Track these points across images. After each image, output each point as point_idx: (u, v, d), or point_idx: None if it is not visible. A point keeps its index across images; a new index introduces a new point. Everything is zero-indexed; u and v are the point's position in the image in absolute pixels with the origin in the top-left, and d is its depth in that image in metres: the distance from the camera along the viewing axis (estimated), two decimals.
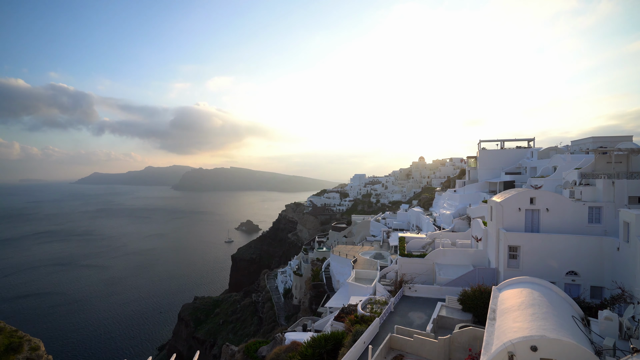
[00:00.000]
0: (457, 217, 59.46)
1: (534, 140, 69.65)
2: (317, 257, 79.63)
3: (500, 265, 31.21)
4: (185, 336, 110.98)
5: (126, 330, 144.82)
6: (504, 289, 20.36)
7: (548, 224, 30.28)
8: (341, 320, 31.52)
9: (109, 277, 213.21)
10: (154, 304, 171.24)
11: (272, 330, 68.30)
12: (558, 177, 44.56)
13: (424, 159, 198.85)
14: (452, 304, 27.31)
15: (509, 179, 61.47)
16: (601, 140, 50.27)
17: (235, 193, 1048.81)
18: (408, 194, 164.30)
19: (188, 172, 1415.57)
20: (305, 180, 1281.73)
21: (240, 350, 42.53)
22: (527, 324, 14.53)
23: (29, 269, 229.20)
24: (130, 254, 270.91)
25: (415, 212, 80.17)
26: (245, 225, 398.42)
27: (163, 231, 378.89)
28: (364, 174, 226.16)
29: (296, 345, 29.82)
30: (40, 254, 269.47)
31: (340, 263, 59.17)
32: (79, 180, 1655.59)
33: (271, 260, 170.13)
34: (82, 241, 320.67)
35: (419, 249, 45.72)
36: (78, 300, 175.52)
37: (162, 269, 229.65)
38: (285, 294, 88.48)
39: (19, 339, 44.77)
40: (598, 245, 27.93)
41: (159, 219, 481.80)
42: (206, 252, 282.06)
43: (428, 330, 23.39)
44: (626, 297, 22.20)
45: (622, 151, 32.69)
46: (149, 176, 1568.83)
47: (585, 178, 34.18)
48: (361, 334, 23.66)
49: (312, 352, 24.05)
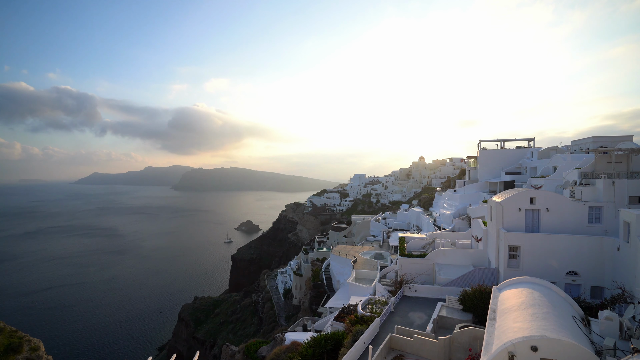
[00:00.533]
0: (457, 217, 59.43)
1: (534, 140, 69.62)
2: (317, 257, 79.61)
3: (501, 265, 31.18)
4: (185, 336, 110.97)
5: (126, 330, 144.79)
6: (504, 289, 20.34)
7: (548, 224, 30.25)
8: (341, 320, 31.50)
9: (109, 277, 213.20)
10: (154, 304, 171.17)
11: (272, 331, 68.27)
12: (558, 177, 44.51)
13: (424, 159, 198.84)
14: (452, 304, 27.28)
15: (509, 179, 61.44)
16: (601, 140, 50.22)
17: (235, 193, 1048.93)
18: (408, 194, 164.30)
19: (188, 172, 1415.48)
20: (305, 180, 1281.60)
21: (240, 350, 42.52)
22: (527, 324, 14.51)
23: (28, 269, 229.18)
24: (130, 254, 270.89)
25: (416, 212, 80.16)
26: (245, 225, 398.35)
27: (163, 231, 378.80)
28: (364, 174, 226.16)
29: (296, 346, 29.81)
30: (40, 254, 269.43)
31: (341, 263, 59.17)
32: (79, 180, 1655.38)
33: (271, 261, 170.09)
34: (80, 240, 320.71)
35: (419, 249, 45.69)
36: (78, 300, 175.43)
37: (162, 269, 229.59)
38: (285, 294, 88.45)
39: (19, 339, 44.77)
40: (598, 245, 27.90)
41: (159, 219, 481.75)
42: (206, 252, 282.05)
43: (428, 331, 23.36)
44: (626, 297, 22.16)
45: (623, 151, 32.66)
46: (149, 176, 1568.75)
47: (585, 178, 34.14)
48: (361, 334, 23.64)
49: (312, 352, 24.04)
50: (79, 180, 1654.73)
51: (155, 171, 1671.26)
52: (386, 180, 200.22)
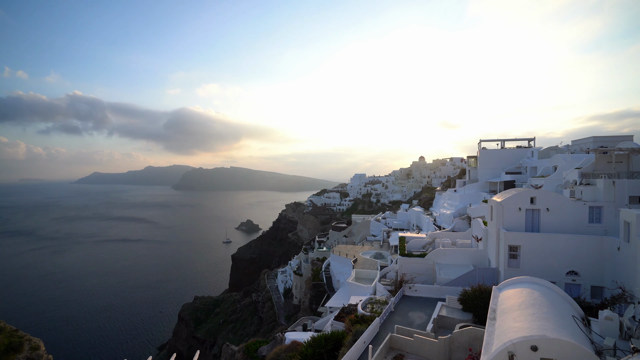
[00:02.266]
0: (457, 216, 59.42)
1: (535, 140, 69.63)
2: (317, 257, 79.64)
3: (501, 265, 31.18)
4: (186, 336, 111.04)
5: (126, 330, 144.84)
6: (504, 288, 20.33)
7: (548, 224, 30.23)
8: (341, 320, 31.54)
9: (109, 276, 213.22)
10: (154, 304, 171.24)
11: (272, 330, 68.31)
12: (558, 177, 44.50)
13: (424, 159, 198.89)
14: (453, 304, 27.27)
15: (510, 178, 61.45)
16: (602, 140, 50.23)
17: (235, 193, 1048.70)
18: (408, 194, 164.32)
19: (188, 172, 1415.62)
20: (305, 180, 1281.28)
21: (241, 350, 42.55)
22: (527, 323, 14.50)
23: (28, 267, 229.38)
24: (130, 254, 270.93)
25: (416, 211, 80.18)
26: (245, 225, 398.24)
27: (163, 231, 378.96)
28: (364, 174, 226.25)
29: (296, 345, 29.83)
30: (40, 252, 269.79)
31: (341, 263, 59.20)
32: (79, 179, 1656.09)
33: (271, 260, 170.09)
34: (81, 241, 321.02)
35: (419, 248, 45.69)
36: (78, 300, 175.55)
37: (162, 269, 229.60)
38: (285, 293, 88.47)
39: (19, 339, 44.82)
40: (598, 245, 27.89)
41: (159, 219, 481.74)
42: (206, 251, 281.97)
43: (428, 330, 23.35)
44: (627, 297, 22.16)
45: (623, 151, 32.64)
46: (149, 176, 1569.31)
47: (585, 178, 34.13)
48: (361, 333, 23.64)
49: (312, 351, 24.05)
50: (80, 179, 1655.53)
51: (155, 171, 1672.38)
52: (386, 180, 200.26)
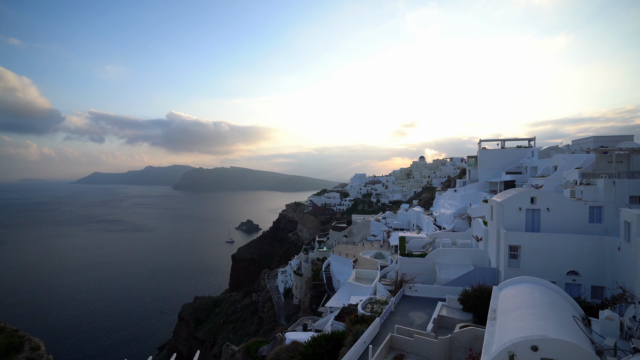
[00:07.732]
0: (457, 216, 59.45)
1: (535, 139, 69.64)
2: (318, 257, 79.67)
3: (501, 265, 31.17)
4: (186, 336, 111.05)
5: (126, 330, 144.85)
6: (504, 288, 20.32)
7: (549, 224, 30.20)
8: (341, 320, 31.52)
9: (109, 277, 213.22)
10: (154, 304, 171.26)
11: (273, 330, 68.30)
12: (559, 177, 44.48)
13: (425, 159, 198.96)
14: (453, 304, 27.25)
15: (510, 178, 61.46)
16: (602, 139, 50.26)
17: (235, 193, 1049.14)
18: (408, 194, 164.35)
19: (188, 172, 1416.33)
20: (305, 180, 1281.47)
21: (241, 350, 42.57)
22: (527, 323, 14.50)
23: (28, 268, 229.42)
24: (130, 254, 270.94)
25: (416, 211, 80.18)
26: (246, 225, 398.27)
27: (163, 231, 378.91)
28: (364, 174, 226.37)
29: (296, 345, 29.84)
30: (40, 253, 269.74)
31: (341, 263, 59.20)
32: (79, 179, 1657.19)
33: (271, 260, 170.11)
34: (81, 241, 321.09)
35: (419, 248, 45.71)
36: (78, 300, 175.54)
37: (162, 269, 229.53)
38: (285, 293, 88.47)
39: (20, 339, 44.86)
40: (599, 245, 27.87)
41: (160, 219, 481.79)
42: (206, 251, 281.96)
43: (428, 330, 23.33)
44: (627, 297, 22.13)
45: (623, 150, 32.65)
46: (149, 176, 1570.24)
47: (586, 177, 34.11)
48: (361, 333, 23.63)
49: (312, 351, 24.06)
50: (80, 179, 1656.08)
51: (155, 170, 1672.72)
52: (386, 180, 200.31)
